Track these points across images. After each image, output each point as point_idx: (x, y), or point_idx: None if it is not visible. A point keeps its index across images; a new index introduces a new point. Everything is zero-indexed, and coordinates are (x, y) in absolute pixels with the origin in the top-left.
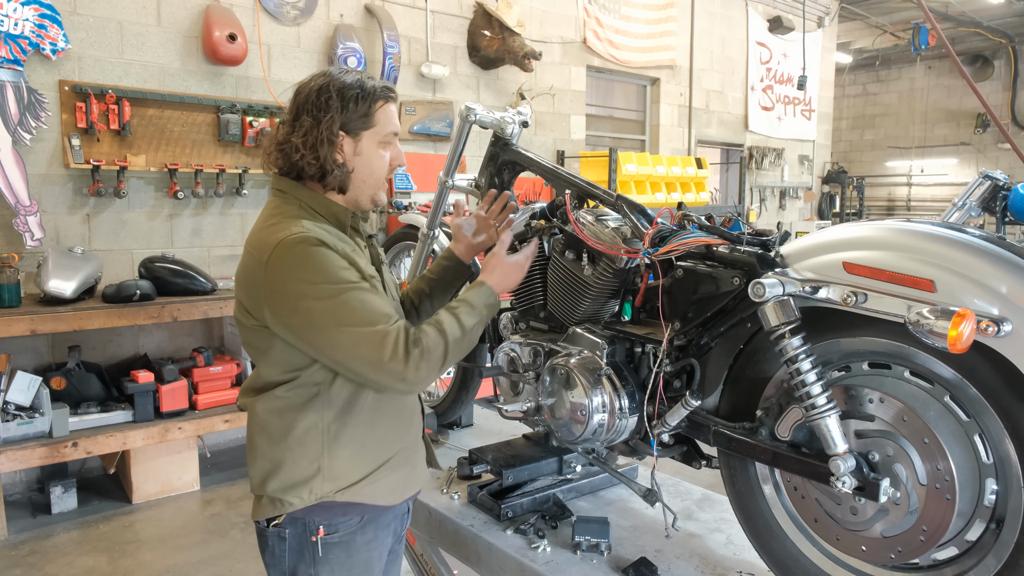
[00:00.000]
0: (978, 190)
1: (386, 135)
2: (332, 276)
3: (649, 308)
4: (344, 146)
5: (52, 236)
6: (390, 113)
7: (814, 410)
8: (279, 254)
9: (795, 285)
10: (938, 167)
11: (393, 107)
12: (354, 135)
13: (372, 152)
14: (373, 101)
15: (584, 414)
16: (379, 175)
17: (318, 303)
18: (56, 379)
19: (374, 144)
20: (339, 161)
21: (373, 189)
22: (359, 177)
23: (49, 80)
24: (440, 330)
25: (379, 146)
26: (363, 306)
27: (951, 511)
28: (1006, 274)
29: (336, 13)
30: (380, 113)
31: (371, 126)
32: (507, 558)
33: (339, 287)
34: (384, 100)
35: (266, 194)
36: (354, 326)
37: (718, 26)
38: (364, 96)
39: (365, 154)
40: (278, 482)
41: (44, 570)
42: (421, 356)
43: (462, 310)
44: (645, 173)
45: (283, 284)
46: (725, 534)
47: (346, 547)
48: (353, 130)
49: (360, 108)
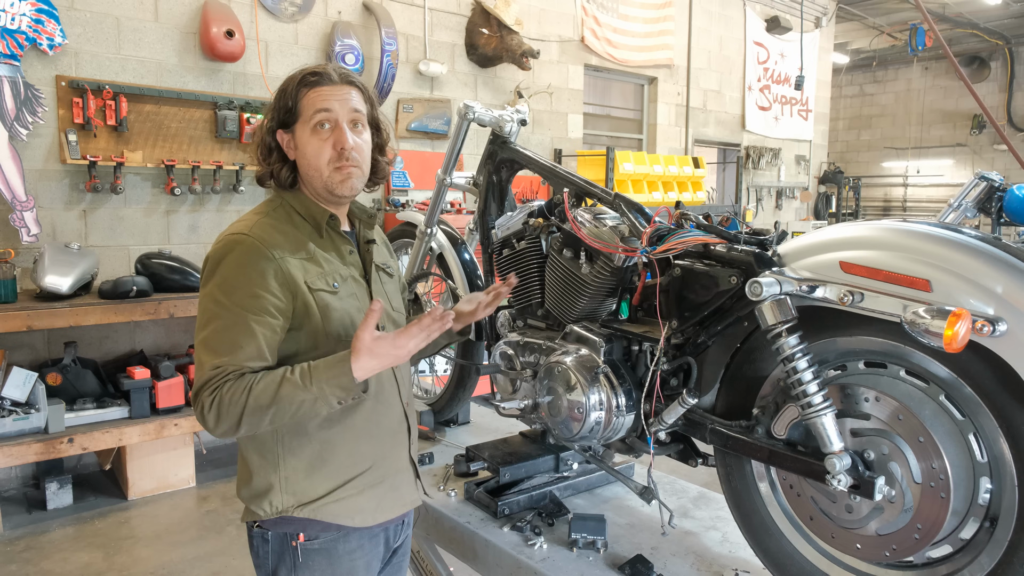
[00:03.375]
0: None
1: (312, 119)
2: (234, 291)
3: (646, 306)
4: (289, 142)
5: (48, 232)
6: (315, 97)
7: (810, 408)
8: (219, 246)
9: (792, 284)
10: (934, 168)
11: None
12: (288, 129)
13: (304, 141)
14: (296, 91)
15: (581, 412)
16: (316, 163)
17: (207, 304)
18: (52, 375)
19: (306, 133)
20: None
21: (319, 179)
22: (303, 170)
23: (46, 75)
24: (248, 389)
25: (312, 133)
26: (227, 334)
27: (945, 509)
28: (1002, 274)
29: (334, 10)
30: (305, 100)
31: (298, 116)
32: (504, 555)
33: (230, 304)
34: (306, 88)
35: (263, 192)
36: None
37: (716, 26)
38: (287, 89)
39: (301, 145)
40: (247, 490)
41: (40, 566)
42: (216, 405)
43: (296, 378)
44: (642, 172)
45: (207, 274)
46: (721, 532)
47: (327, 555)
48: (286, 124)
49: (284, 102)
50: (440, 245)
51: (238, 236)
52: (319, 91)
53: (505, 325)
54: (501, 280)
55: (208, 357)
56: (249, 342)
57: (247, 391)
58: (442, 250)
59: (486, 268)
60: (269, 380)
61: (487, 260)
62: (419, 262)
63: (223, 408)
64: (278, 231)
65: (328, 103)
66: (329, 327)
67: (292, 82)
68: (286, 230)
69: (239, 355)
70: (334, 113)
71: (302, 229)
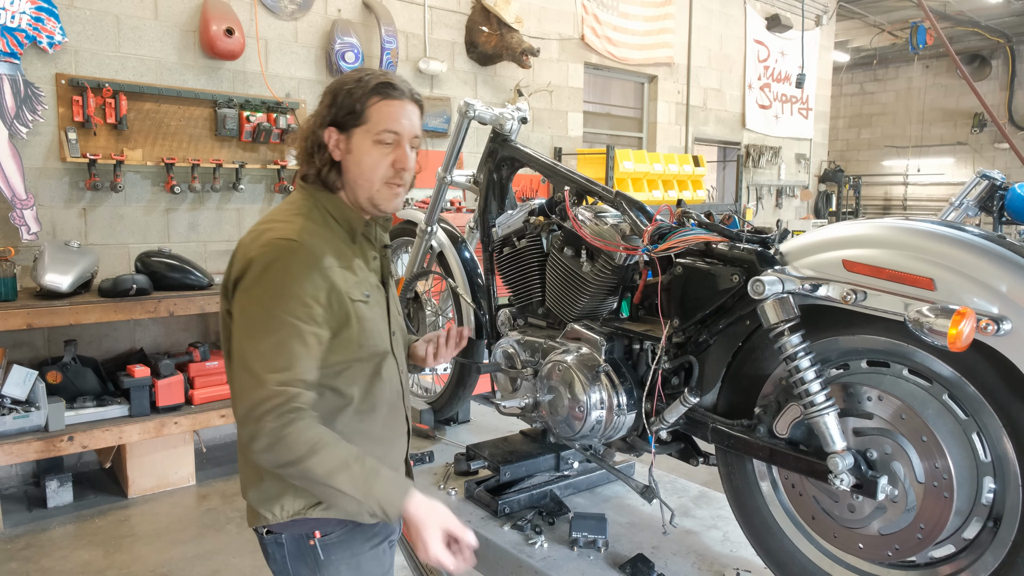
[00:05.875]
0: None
1: (380, 132)
2: (287, 300)
3: (648, 305)
4: (339, 144)
5: (48, 230)
6: (389, 111)
7: (812, 408)
8: (267, 250)
9: (794, 283)
10: (935, 166)
11: (396, 105)
12: (344, 131)
13: (362, 148)
14: (366, 96)
15: (582, 411)
16: (370, 175)
17: (255, 311)
18: (52, 373)
19: (367, 141)
20: (329, 157)
21: (367, 191)
22: (350, 176)
23: (46, 73)
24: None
25: (373, 144)
26: (283, 347)
27: (949, 509)
28: (1006, 273)
29: (334, 8)
30: (374, 110)
31: (362, 122)
32: (504, 554)
33: (282, 314)
34: (381, 97)
35: (262, 190)
36: (260, 356)
37: (716, 24)
38: (356, 90)
39: (355, 151)
40: (256, 493)
41: (40, 564)
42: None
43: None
44: (642, 170)
45: (248, 278)
46: (722, 531)
47: (347, 546)
48: (343, 126)
49: (349, 103)
50: (440, 243)
51: (288, 242)
52: (392, 105)
53: (506, 323)
54: (501, 279)
55: (265, 370)
56: (304, 354)
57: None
58: (442, 248)
59: (486, 266)
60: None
61: (487, 258)
62: (419, 260)
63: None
64: (321, 237)
65: (399, 122)
66: (362, 338)
67: (362, 86)
68: (326, 236)
69: (296, 369)
70: (402, 132)
71: (336, 233)
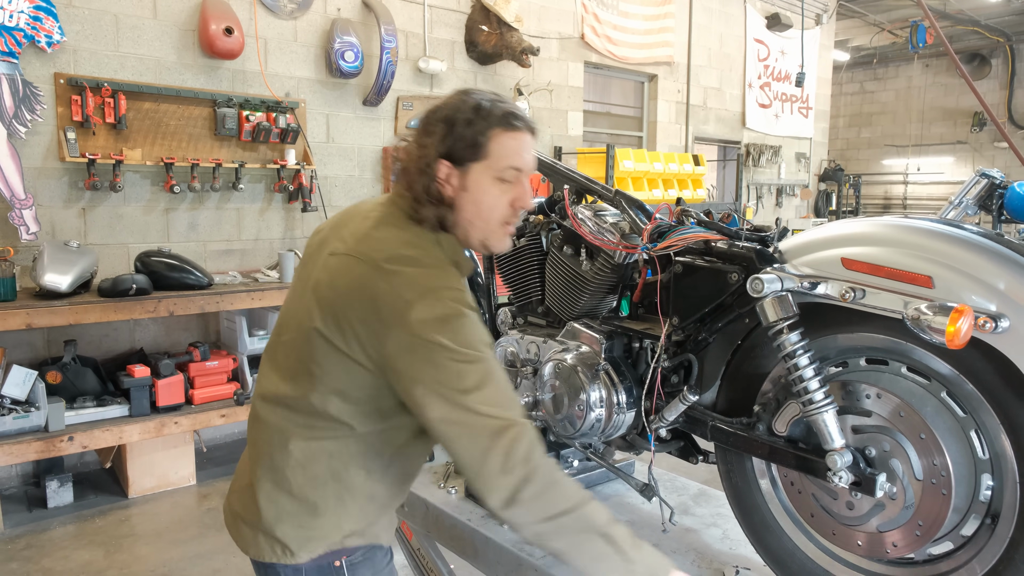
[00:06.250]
0: (975, 188)
1: (503, 169)
2: (478, 347)
3: (647, 303)
4: (451, 178)
5: (48, 230)
6: (512, 145)
7: (811, 405)
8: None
9: (793, 281)
10: (934, 165)
11: (520, 138)
12: (461, 166)
13: (481, 187)
14: (488, 128)
15: (582, 409)
16: (489, 215)
17: (457, 366)
18: (52, 373)
19: (487, 178)
20: (438, 192)
21: (482, 232)
22: (465, 216)
23: (44, 73)
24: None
25: (493, 181)
26: (503, 387)
27: (947, 506)
28: (1004, 271)
29: (333, 7)
30: (496, 143)
31: (482, 157)
32: (504, 552)
33: (485, 359)
34: (504, 128)
35: (262, 189)
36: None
37: (716, 23)
38: (476, 121)
39: (472, 189)
40: (293, 529)
41: (40, 564)
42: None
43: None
44: (642, 169)
45: (425, 333)
46: (721, 529)
47: (371, 564)
48: (459, 160)
49: (471, 135)
50: None
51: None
52: (518, 139)
53: (505, 322)
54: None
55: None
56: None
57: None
58: None
59: (486, 265)
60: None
61: (486, 257)
62: None
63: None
64: None
65: (524, 158)
66: None
67: (483, 115)
68: None
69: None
70: (524, 169)
71: None
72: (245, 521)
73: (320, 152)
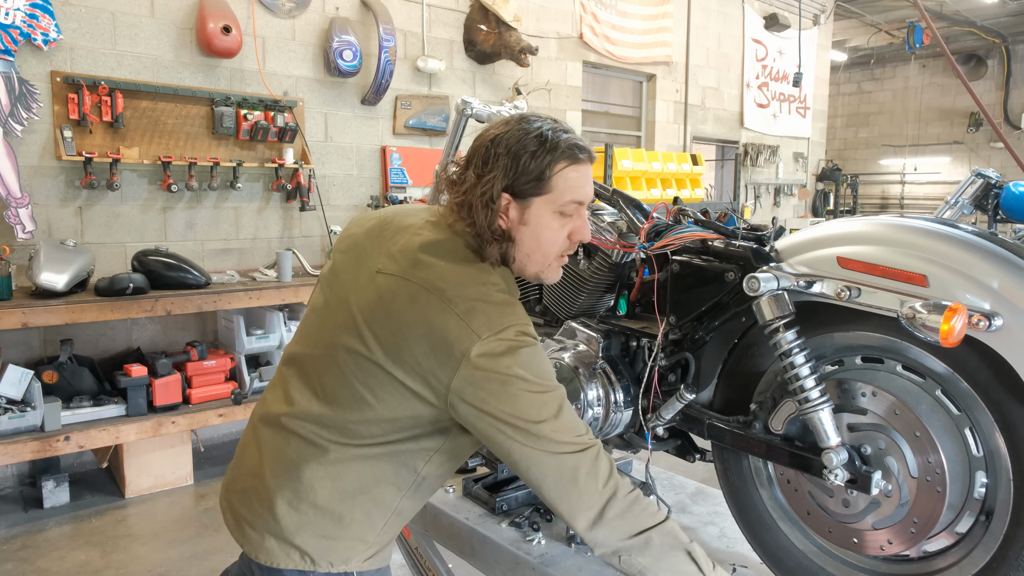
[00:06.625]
0: (970, 188)
1: (565, 204)
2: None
3: (644, 302)
4: (509, 211)
5: (44, 229)
6: (575, 177)
7: (807, 404)
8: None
9: (789, 280)
10: (931, 165)
11: (583, 171)
12: (522, 200)
13: (542, 222)
14: (553, 162)
15: (579, 408)
16: (548, 249)
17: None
18: (48, 372)
19: (548, 212)
20: (500, 228)
21: (539, 266)
22: (523, 250)
23: (41, 71)
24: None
25: (554, 216)
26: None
27: (941, 503)
28: (998, 269)
29: (332, 6)
30: (560, 177)
31: (545, 191)
32: (502, 551)
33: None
34: (569, 161)
35: (260, 188)
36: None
37: (714, 23)
38: (541, 154)
39: (533, 223)
40: (316, 539)
41: (36, 564)
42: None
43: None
44: (640, 169)
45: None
46: (718, 527)
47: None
48: (521, 194)
49: (536, 168)
50: None
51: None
52: (581, 171)
53: None
54: None
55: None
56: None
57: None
58: None
59: None
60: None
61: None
62: None
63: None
64: None
65: (586, 191)
66: None
67: (548, 148)
68: None
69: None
70: (585, 201)
71: None
72: (252, 525)
73: (318, 151)
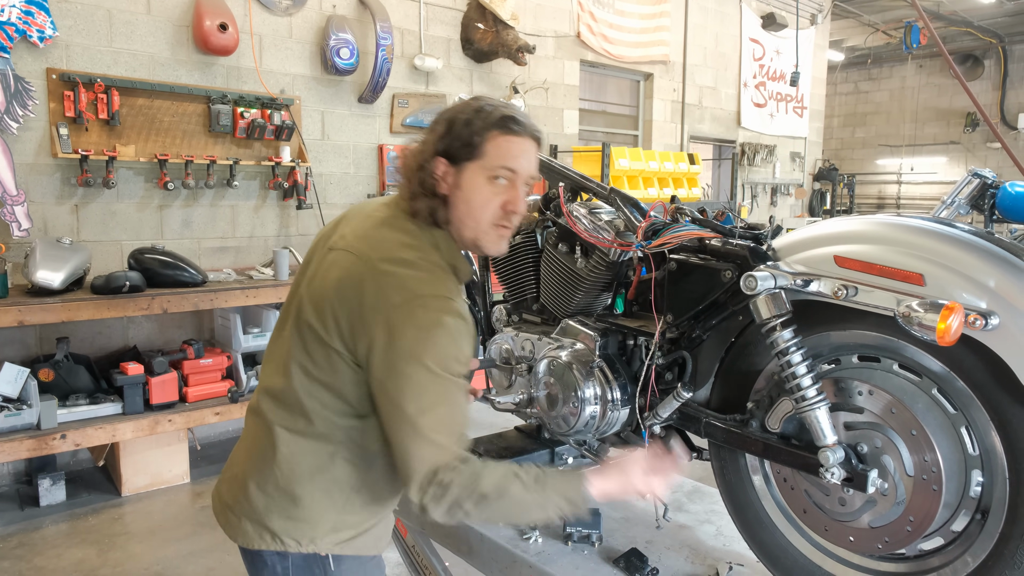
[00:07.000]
0: (967, 188)
1: (496, 169)
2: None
3: (642, 301)
4: (447, 176)
5: (40, 226)
6: (508, 147)
7: (804, 402)
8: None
9: (787, 278)
10: (928, 165)
11: (517, 142)
12: (456, 164)
13: (474, 185)
14: (486, 128)
15: (576, 406)
16: (479, 215)
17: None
18: (44, 371)
19: (480, 177)
20: (435, 188)
21: (473, 231)
22: (457, 214)
23: (36, 68)
24: (475, 479)
25: (486, 181)
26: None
27: (937, 502)
28: (994, 268)
29: (329, 4)
30: (494, 144)
31: (477, 156)
32: (498, 549)
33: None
34: (501, 131)
35: (256, 186)
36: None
37: (712, 22)
38: (473, 122)
39: (465, 187)
40: (282, 520)
41: (32, 563)
42: (442, 496)
43: (526, 477)
44: (638, 168)
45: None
46: (715, 525)
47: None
48: (455, 158)
49: (467, 134)
50: None
51: (443, 302)
52: (512, 142)
53: (500, 320)
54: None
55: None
56: (464, 415)
57: (475, 479)
58: None
59: (481, 264)
60: (498, 474)
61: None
62: None
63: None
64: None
65: (518, 161)
66: None
67: (483, 117)
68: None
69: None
70: (519, 172)
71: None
72: (232, 509)
73: (315, 149)
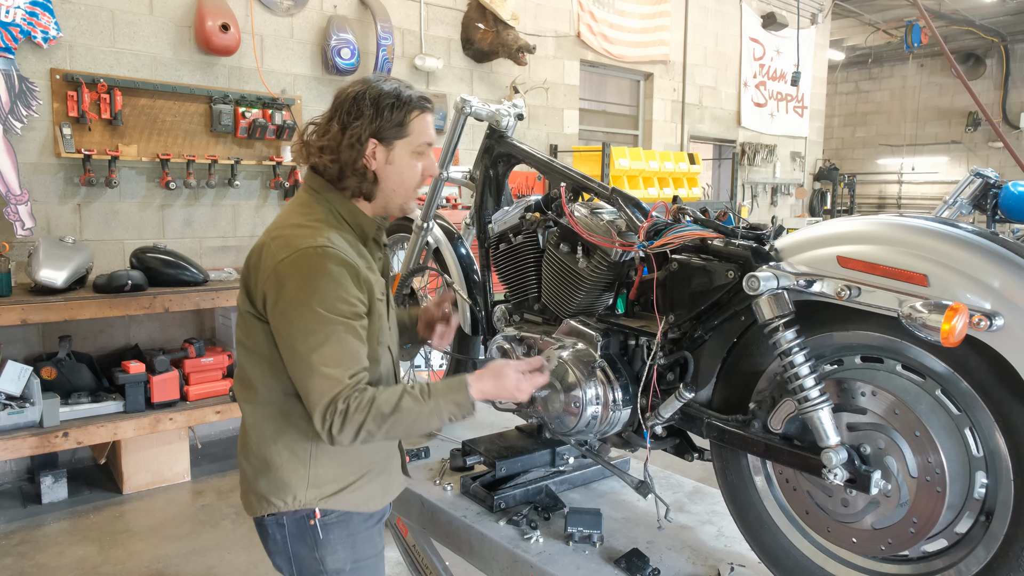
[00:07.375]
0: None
1: (420, 145)
2: (332, 304)
3: (643, 301)
4: (376, 154)
5: (43, 225)
6: (425, 123)
7: (807, 403)
8: (298, 259)
9: (789, 279)
10: (929, 165)
11: (429, 117)
12: (387, 143)
13: (404, 161)
14: (409, 110)
15: (578, 406)
16: (410, 184)
17: (307, 322)
18: (47, 369)
19: (407, 153)
20: (366, 167)
21: (403, 198)
22: (389, 186)
23: (40, 68)
24: (371, 400)
25: (412, 156)
26: (340, 347)
27: (941, 503)
28: (998, 269)
29: (330, 4)
30: (415, 123)
31: (405, 135)
32: (499, 549)
33: (333, 317)
34: (420, 110)
35: (258, 186)
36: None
37: (712, 21)
38: (400, 105)
39: (397, 163)
40: (266, 483)
41: (35, 560)
42: (343, 422)
43: (416, 392)
44: (638, 168)
45: (288, 288)
46: (716, 526)
47: (345, 525)
48: (386, 138)
49: (395, 117)
50: (436, 239)
51: (322, 249)
52: (426, 119)
53: (502, 319)
54: (497, 275)
55: (336, 369)
56: (360, 348)
57: (371, 402)
58: (438, 244)
59: (482, 263)
60: (390, 393)
61: (483, 255)
62: (415, 257)
63: (349, 423)
64: (345, 241)
65: (432, 133)
66: (378, 334)
67: (404, 100)
68: (347, 239)
69: (359, 359)
70: (432, 143)
71: (350, 237)
72: (241, 487)
73: None
